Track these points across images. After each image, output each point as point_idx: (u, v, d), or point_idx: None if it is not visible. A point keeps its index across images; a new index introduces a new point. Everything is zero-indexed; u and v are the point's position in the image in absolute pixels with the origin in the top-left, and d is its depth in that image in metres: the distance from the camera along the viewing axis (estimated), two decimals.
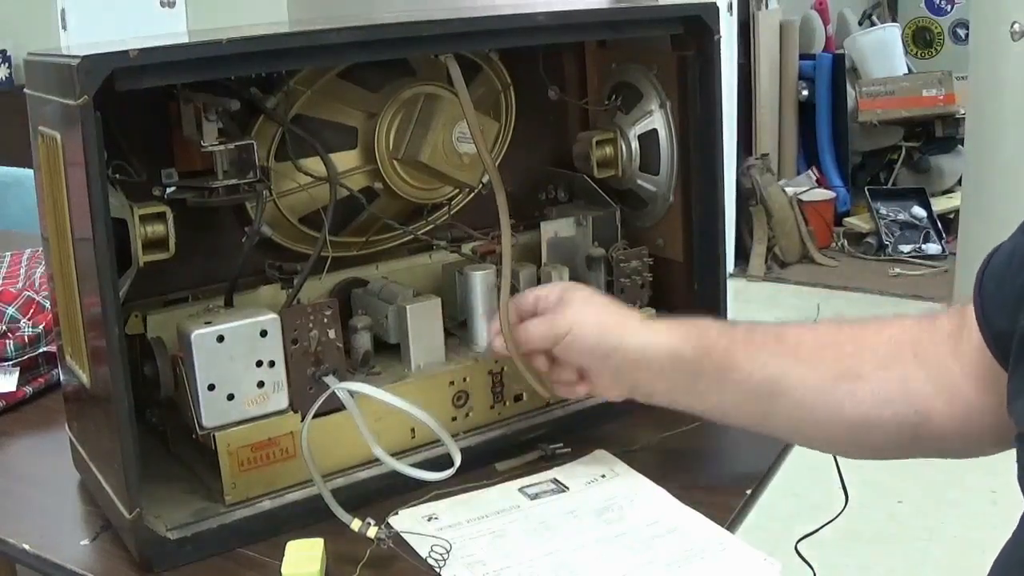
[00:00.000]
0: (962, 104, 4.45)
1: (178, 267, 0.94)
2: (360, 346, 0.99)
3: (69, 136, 0.80)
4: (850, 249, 4.59)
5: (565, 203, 1.21)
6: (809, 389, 0.84)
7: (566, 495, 0.94)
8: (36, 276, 1.38)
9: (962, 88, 4.42)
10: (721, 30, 1.07)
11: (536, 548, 0.86)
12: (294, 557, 0.83)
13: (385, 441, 0.91)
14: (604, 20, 1.06)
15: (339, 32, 0.87)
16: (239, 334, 0.88)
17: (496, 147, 1.14)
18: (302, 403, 0.91)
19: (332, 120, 1.04)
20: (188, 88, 0.91)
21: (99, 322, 0.80)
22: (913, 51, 5.62)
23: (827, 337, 0.87)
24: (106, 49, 0.78)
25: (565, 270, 1.08)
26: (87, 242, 0.79)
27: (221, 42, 0.81)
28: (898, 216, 4.57)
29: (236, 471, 0.89)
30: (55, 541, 0.91)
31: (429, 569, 0.83)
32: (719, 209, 1.11)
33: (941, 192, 4.76)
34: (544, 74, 1.17)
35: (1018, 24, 3.07)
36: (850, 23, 5.37)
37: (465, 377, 1.01)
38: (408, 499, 0.91)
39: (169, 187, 0.96)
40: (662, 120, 1.14)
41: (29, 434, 1.15)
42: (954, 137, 4.71)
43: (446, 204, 1.13)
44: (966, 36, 4.71)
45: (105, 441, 0.87)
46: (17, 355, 1.22)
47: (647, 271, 1.12)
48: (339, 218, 1.04)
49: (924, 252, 4.44)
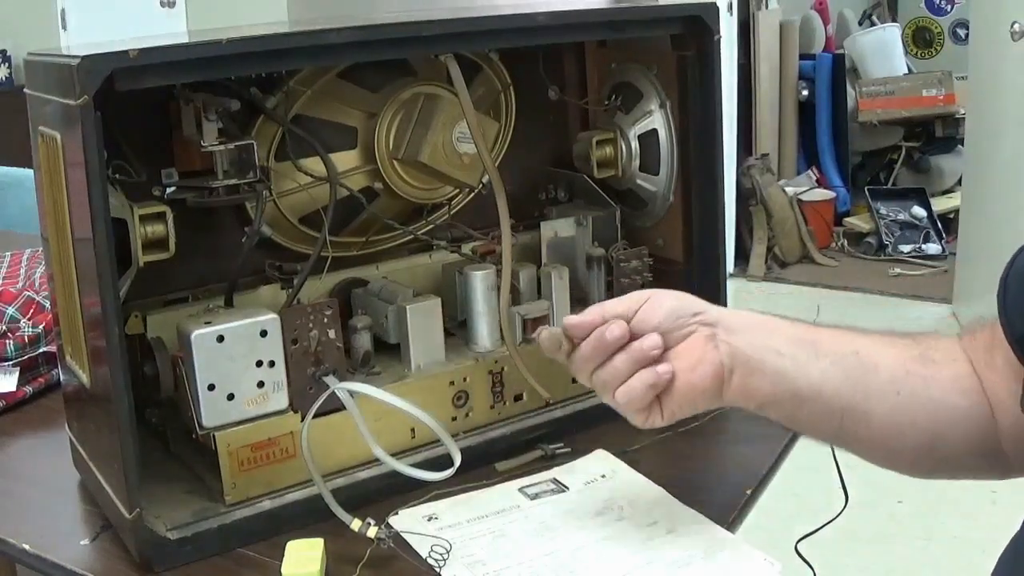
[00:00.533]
0: (962, 104, 4.45)
1: (178, 267, 0.94)
2: (360, 346, 0.99)
3: (69, 136, 0.80)
4: (850, 249, 4.58)
5: (565, 203, 1.21)
6: (897, 366, 0.81)
7: (566, 495, 0.94)
8: (36, 276, 1.38)
9: (962, 88, 4.42)
10: (721, 30, 1.07)
11: (536, 548, 0.86)
12: (294, 557, 0.83)
13: (385, 441, 0.91)
14: (604, 20, 1.06)
15: (339, 32, 0.87)
16: (239, 334, 0.88)
17: (496, 147, 1.14)
18: (302, 403, 0.91)
19: (332, 120, 1.04)
20: (188, 88, 0.91)
21: (99, 322, 0.80)
22: (913, 51, 5.62)
23: (891, 333, 0.85)
24: (106, 49, 0.78)
25: (565, 270, 1.08)
26: (87, 242, 0.79)
27: (221, 42, 0.81)
28: (898, 216, 4.57)
29: (236, 471, 0.89)
30: (55, 541, 0.91)
31: (429, 569, 0.83)
32: (719, 209, 1.11)
33: (941, 192, 4.76)
34: (544, 74, 1.17)
35: (1018, 24, 3.07)
36: (850, 23, 5.37)
37: (465, 377, 1.01)
38: (408, 499, 0.91)
39: (169, 187, 0.96)
40: (662, 120, 1.14)
41: (29, 434, 1.15)
42: (954, 137, 4.71)
43: (446, 204, 1.13)
44: (966, 36, 4.70)
45: (105, 441, 0.87)
46: (17, 355, 1.22)
47: (647, 271, 1.12)
48: (339, 218, 1.04)
49: (924, 252, 4.44)
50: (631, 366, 0.81)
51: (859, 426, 0.81)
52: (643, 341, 0.81)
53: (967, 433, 0.80)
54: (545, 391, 1.00)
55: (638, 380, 0.80)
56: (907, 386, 0.80)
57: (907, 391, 0.80)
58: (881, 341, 0.83)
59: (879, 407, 0.80)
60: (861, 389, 0.80)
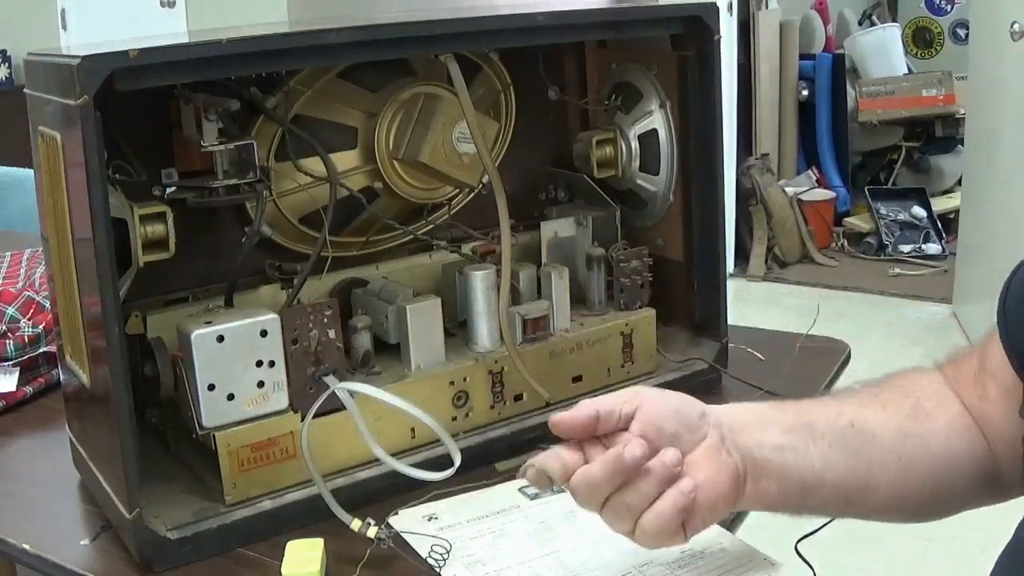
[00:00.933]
0: (962, 104, 4.45)
1: (178, 267, 0.94)
2: (360, 346, 0.99)
3: (69, 136, 0.80)
4: (850, 249, 4.59)
5: (565, 203, 1.21)
6: (893, 429, 0.79)
7: (566, 495, 0.93)
8: (36, 276, 1.38)
9: (962, 88, 4.42)
10: (721, 30, 1.07)
11: (536, 548, 0.86)
12: (294, 557, 0.83)
13: (385, 441, 0.91)
14: (604, 20, 1.06)
15: (339, 32, 0.87)
16: (239, 334, 0.88)
17: (496, 147, 1.14)
18: (302, 403, 0.91)
19: (332, 120, 1.04)
20: (188, 88, 0.91)
21: (99, 322, 0.80)
22: (913, 51, 5.62)
23: (875, 388, 0.83)
24: (106, 49, 0.78)
25: (565, 270, 1.08)
26: (87, 242, 0.79)
27: (221, 42, 0.81)
28: (898, 216, 4.57)
29: (236, 471, 0.89)
30: (55, 541, 0.91)
31: (429, 569, 0.83)
32: (719, 209, 1.11)
33: (941, 192, 4.76)
34: (544, 74, 1.17)
35: (1018, 24, 3.06)
36: (850, 23, 5.37)
37: (465, 377, 1.01)
38: (408, 499, 0.91)
39: (169, 187, 0.96)
40: (662, 120, 1.14)
41: (29, 434, 1.15)
42: (954, 137, 4.71)
43: (446, 204, 1.13)
44: (966, 36, 4.71)
45: (105, 441, 0.87)
46: (17, 355, 1.22)
47: (647, 271, 1.12)
48: (339, 218, 1.04)
49: (924, 252, 4.44)
50: (659, 487, 0.70)
51: (864, 499, 0.78)
52: (665, 457, 0.70)
53: (968, 475, 0.80)
54: (545, 391, 1.00)
55: (668, 504, 0.70)
56: (906, 450, 0.78)
57: (907, 455, 0.78)
58: (872, 403, 0.81)
59: (882, 477, 0.78)
60: (863, 464, 0.77)
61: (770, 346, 1.23)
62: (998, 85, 3.36)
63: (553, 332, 1.07)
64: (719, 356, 1.13)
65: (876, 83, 4.82)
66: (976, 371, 0.81)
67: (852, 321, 3.78)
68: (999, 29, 3.18)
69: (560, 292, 1.07)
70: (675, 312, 1.16)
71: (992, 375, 0.79)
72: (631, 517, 0.71)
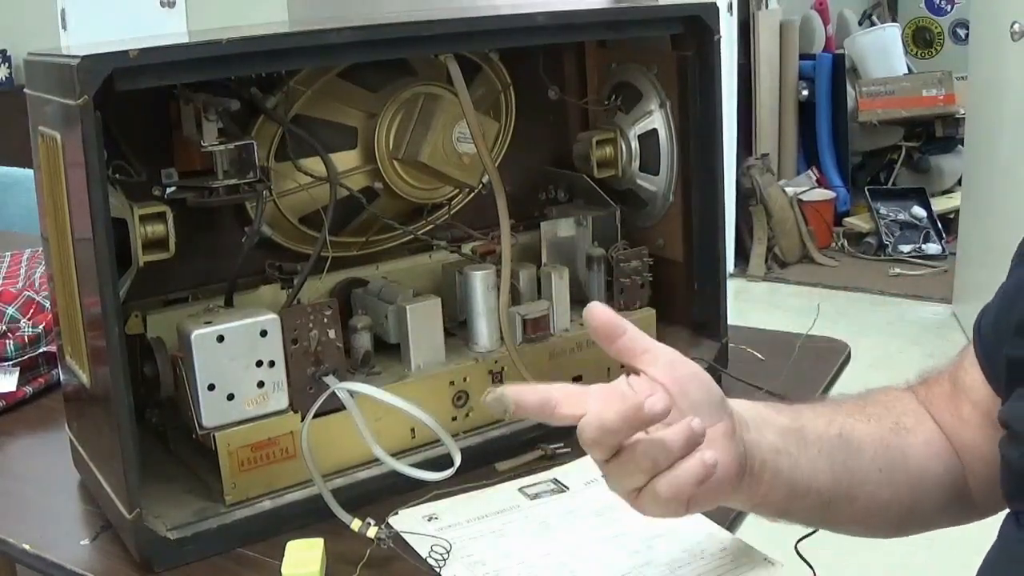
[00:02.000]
0: (962, 104, 4.46)
1: (178, 267, 0.94)
2: (360, 346, 0.99)
3: (69, 136, 0.80)
4: (850, 249, 4.59)
5: (565, 203, 1.21)
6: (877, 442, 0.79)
7: (566, 495, 0.94)
8: (36, 276, 1.38)
9: (962, 88, 4.43)
10: (721, 30, 1.07)
11: (536, 548, 0.86)
12: (294, 557, 0.83)
13: (385, 441, 0.91)
14: (604, 20, 1.06)
15: (339, 32, 0.87)
16: (239, 334, 0.88)
17: (496, 147, 1.14)
18: (302, 403, 0.91)
19: (332, 120, 1.04)
20: (188, 88, 0.91)
21: (99, 322, 0.80)
22: (913, 51, 5.62)
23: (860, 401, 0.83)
24: (106, 49, 0.78)
25: (565, 270, 1.08)
26: (87, 242, 0.79)
27: (221, 42, 0.81)
28: (898, 216, 4.57)
29: (236, 471, 0.89)
30: (55, 541, 0.91)
31: (429, 569, 0.83)
32: (719, 209, 1.11)
33: (941, 192, 4.76)
34: (544, 74, 1.17)
35: (1018, 24, 3.07)
36: (850, 23, 5.37)
37: (465, 377, 1.01)
38: (408, 499, 0.91)
39: (169, 187, 0.96)
40: (662, 120, 1.14)
41: (29, 434, 1.15)
42: (954, 137, 4.72)
43: (446, 204, 1.13)
44: (966, 36, 4.71)
45: (105, 441, 0.87)
46: (17, 355, 1.22)
47: (647, 271, 1.12)
48: (339, 218, 1.04)
49: (924, 252, 4.44)
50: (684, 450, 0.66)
51: (842, 510, 0.78)
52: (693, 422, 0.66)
53: (941, 493, 0.81)
54: None
55: (689, 472, 0.66)
56: (887, 461, 0.79)
57: (888, 467, 0.79)
58: (859, 414, 0.81)
59: (862, 490, 0.78)
60: (847, 474, 0.77)
61: (770, 346, 1.23)
62: (998, 85, 3.36)
63: (553, 332, 1.07)
64: (719, 356, 1.13)
65: (876, 83, 4.82)
66: (949, 391, 0.82)
67: (852, 321, 3.78)
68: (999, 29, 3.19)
69: (560, 292, 1.07)
70: (675, 312, 1.16)
71: (966, 393, 0.80)
72: (645, 475, 0.66)
